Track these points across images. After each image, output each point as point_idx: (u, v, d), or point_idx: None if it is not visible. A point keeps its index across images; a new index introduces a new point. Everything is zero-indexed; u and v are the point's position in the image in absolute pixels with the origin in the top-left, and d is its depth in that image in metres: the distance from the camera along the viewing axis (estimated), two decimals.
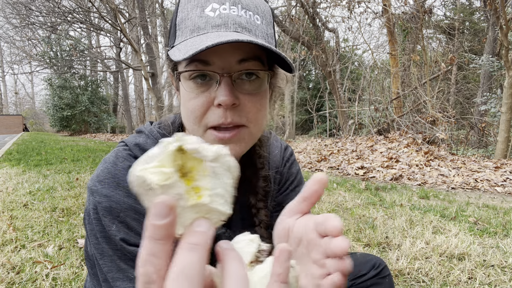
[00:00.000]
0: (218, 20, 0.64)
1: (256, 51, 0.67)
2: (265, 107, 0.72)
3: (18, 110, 51.68)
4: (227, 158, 0.36)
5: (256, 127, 0.71)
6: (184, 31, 0.67)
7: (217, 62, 0.65)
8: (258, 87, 0.69)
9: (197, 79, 0.66)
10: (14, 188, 3.95)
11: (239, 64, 0.65)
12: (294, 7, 11.90)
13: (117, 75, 28.09)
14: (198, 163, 0.35)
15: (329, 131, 14.78)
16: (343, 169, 6.32)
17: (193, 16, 0.66)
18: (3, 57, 47.02)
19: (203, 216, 0.34)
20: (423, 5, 9.54)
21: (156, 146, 0.34)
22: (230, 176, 0.36)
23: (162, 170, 0.32)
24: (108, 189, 0.69)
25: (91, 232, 0.71)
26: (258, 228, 0.84)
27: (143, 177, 0.32)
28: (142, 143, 0.78)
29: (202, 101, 0.67)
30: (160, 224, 0.30)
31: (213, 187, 0.35)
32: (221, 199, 0.35)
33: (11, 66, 41.58)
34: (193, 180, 0.35)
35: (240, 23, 0.65)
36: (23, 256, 2.07)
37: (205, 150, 0.34)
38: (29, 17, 17.21)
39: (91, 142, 14.64)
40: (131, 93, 35.11)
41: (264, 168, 0.87)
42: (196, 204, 0.34)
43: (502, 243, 2.38)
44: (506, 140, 6.85)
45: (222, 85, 0.65)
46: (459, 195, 4.26)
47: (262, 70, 0.68)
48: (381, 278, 0.89)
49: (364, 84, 10.33)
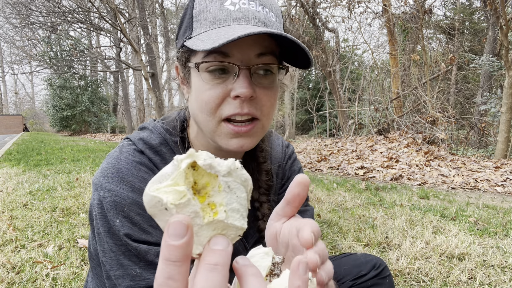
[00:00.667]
0: (239, 13, 0.65)
1: (273, 47, 0.68)
2: (276, 102, 0.73)
3: (18, 110, 51.68)
4: (240, 172, 0.35)
5: (268, 121, 0.73)
6: (203, 23, 0.68)
7: (237, 55, 0.65)
8: (272, 82, 0.70)
9: (215, 72, 0.67)
10: (14, 188, 3.94)
11: (258, 58, 0.66)
12: (294, 7, 11.90)
13: (117, 75, 28.09)
14: (211, 179, 0.34)
15: (329, 131, 14.78)
16: (343, 169, 6.32)
17: (213, 8, 0.67)
18: (3, 57, 47.03)
19: (220, 233, 0.34)
20: (423, 5, 9.54)
21: (169, 164, 0.34)
22: (244, 190, 0.35)
23: (176, 188, 0.32)
24: (112, 183, 0.69)
25: (95, 228, 0.71)
26: (262, 221, 0.85)
27: (158, 197, 0.31)
28: (146, 138, 0.78)
29: (218, 92, 0.67)
30: (177, 244, 0.29)
31: (228, 202, 0.34)
32: (237, 214, 0.34)
33: (11, 66, 41.62)
34: (207, 197, 0.34)
35: (260, 18, 0.66)
36: (23, 256, 2.07)
37: (218, 165, 0.34)
38: (29, 17, 17.22)
39: (91, 142, 14.64)
40: (131, 93, 35.12)
41: (266, 162, 0.88)
42: (212, 221, 0.33)
43: (502, 243, 2.38)
44: (506, 140, 6.85)
45: (240, 77, 0.65)
46: (459, 195, 4.26)
47: (278, 65, 0.69)
48: (381, 279, 0.89)
49: (364, 84, 10.33)
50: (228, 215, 0.34)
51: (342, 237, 2.55)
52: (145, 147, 0.76)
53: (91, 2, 13.75)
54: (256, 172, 0.87)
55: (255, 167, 0.87)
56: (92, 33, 24.91)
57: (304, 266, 0.35)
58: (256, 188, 0.86)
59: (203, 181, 0.34)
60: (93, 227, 0.73)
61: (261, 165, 0.87)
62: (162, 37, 27.98)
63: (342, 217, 3.03)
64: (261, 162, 0.87)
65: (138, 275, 0.66)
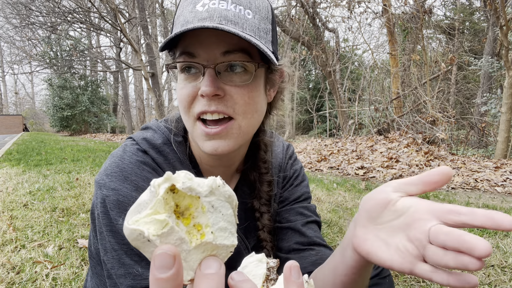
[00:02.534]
0: (205, 13, 0.66)
1: (243, 44, 0.67)
2: (254, 101, 0.71)
3: (18, 110, 51.67)
4: (223, 189, 0.34)
5: (245, 121, 0.71)
6: (176, 26, 0.70)
7: (202, 54, 0.67)
8: (246, 80, 0.69)
9: (185, 71, 0.69)
10: (14, 188, 3.94)
11: (224, 56, 0.67)
12: (294, 7, 11.91)
13: (117, 75, 28.09)
14: (194, 200, 0.33)
15: (329, 131, 14.79)
16: (343, 169, 6.32)
17: (186, 12, 0.68)
18: (3, 57, 47.03)
19: (210, 254, 0.33)
20: (423, 5, 9.54)
21: (145, 190, 0.32)
22: (229, 206, 0.34)
23: (156, 218, 0.30)
24: (116, 182, 0.69)
25: (97, 227, 0.71)
26: (262, 231, 0.85)
27: (138, 230, 0.29)
28: (150, 138, 0.78)
29: (189, 91, 0.69)
30: (166, 277, 0.28)
31: (214, 223, 0.33)
32: (225, 233, 0.34)
33: (11, 66, 41.61)
34: (192, 218, 0.33)
35: (226, 16, 0.66)
36: (23, 256, 2.07)
37: (199, 186, 0.33)
38: (29, 17, 17.22)
39: (91, 142, 14.64)
40: (131, 93, 35.12)
41: (268, 173, 0.88)
42: (200, 244, 0.32)
43: (502, 243, 2.38)
44: (506, 140, 6.85)
45: (205, 76, 0.66)
46: (459, 195, 4.26)
47: (246, 62, 0.68)
48: (381, 278, 0.89)
49: (364, 84, 10.33)
50: (216, 236, 0.33)
51: (342, 237, 2.55)
52: (148, 147, 0.77)
53: (91, 2, 13.75)
54: (258, 182, 0.87)
55: (257, 178, 0.87)
56: (92, 33, 24.92)
57: (296, 270, 0.35)
58: (257, 198, 0.87)
59: (186, 203, 0.33)
60: (94, 226, 0.73)
61: (263, 175, 0.87)
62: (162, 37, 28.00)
63: (342, 217, 3.03)
64: (263, 172, 0.87)
65: (140, 274, 0.66)
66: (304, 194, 0.95)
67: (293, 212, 0.91)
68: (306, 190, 0.96)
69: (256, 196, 0.86)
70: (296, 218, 0.90)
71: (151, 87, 13.29)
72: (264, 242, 0.86)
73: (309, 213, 0.92)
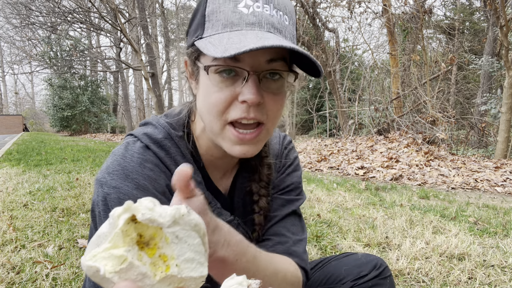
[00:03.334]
0: (252, 18, 0.64)
1: (283, 52, 0.67)
2: (283, 106, 0.73)
3: (18, 110, 51.63)
4: (188, 218, 0.32)
5: (273, 126, 0.73)
6: (215, 24, 0.67)
7: (247, 60, 0.65)
8: (280, 87, 0.70)
9: (223, 73, 0.66)
10: (14, 188, 3.94)
11: (268, 63, 0.66)
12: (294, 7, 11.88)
13: (117, 75, 28.08)
14: (157, 229, 0.31)
15: (329, 131, 14.78)
16: (343, 169, 6.32)
17: (226, 10, 0.66)
18: (3, 57, 47.00)
19: (177, 287, 0.31)
20: (423, 5, 9.54)
21: (105, 222, 0.31)
22: (196, 235, 0.33)
23: (113, 253, 0.28)
24: (117, 180, 0.68)
25: (97, 225, 0.70)
26: (257, 215, 0.86)
27: (94, 267, 0.28)
28: (150, 132, 0.78)
29: (226, 95, 0.67)
30: None
31: (179, 254, 0.31)
32: (192, 264, 0.32)
33: (11, 66, 41.62)
34: (157, 248, 0.31)
35: (273, 24, 0.65)
36: (23, 256, 2.07)
37: (160, 216, 0.31)
38: (29, 17, 17.22)
39: (91, 142, 14.63)
40: (131, 93, 35.11)
41: (268, 156, 0.90)
42: (166, 277, 0.30)
43: (502, 243, 2.38)
44: (506, 140, 6.85)
45: (249, 83, 0.65)
46: (459, 195, 4.26)
47: (288, 71, 0.69)
48: (382, 279, 0.89)
49: (364, 84, 10.32)
50: (181, 269, 0.31)
51: (342, 237, 2.55)
52: (149, 142, 0.76)
53: (91, 2, 13.75)
54: (259, 165, 0.88)
55: (257, 160, 0.88)
56: (92, 33, 24.91)
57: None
58: (257, 181, 0.87)
59: (150, 232, 0.31)
60: (95, 224, 0.73)
61: (263, 159, 0.88)
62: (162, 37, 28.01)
63: (342, 217, 3.03)
64: (263, 156, 0.88)
65: None
66: (294, 183, 0.94)
67: (277, 202, 0.91)
68: (297, 180, 0.95)
69: (256, 180, 0.87)
70: (276, 208, 0.90)
71: (151, 87, 13.30)
72: (257, 225, 0.86)
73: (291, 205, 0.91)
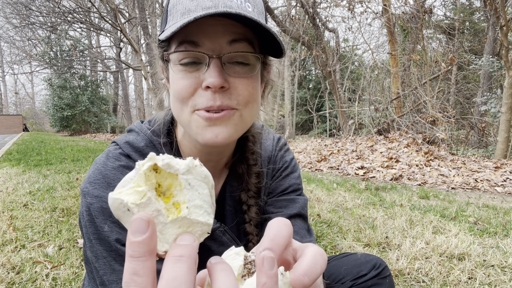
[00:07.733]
0: (209, 2, 0.63)
1: (247, 34, 0.65)
2: (257, 91, 0.70)
3: (18, 110, 51.63)
4: (200, 169, 0.36)
5: (247, 111, 0.69)
6: (174, 15, 0.67)
7: (207, 44, 0.63)
8: (249, 71, 0.67)
9: (186, 63, 0.65)
10: (14, 188, 3.94)
11: (230, 45, 0.64)
12: (294, 7, 11.91)
13: (117, 75, 28.10)
14: (174, 180, 0.35)
15: (329, 131, 14.79)
16: (343, 169, 6.32)
17: (185, 0, 0.66)
18: (3, 57, 46.98)
19: (185, 231, 0.35)
20: (423, 5, 9.54)
21: (132, 170, 0.36)
22: (205, 186, 0.36)
23: (136, 189, 0.33)
24: (99, 190, 0.68)
25: (86, 235, 0.70)
26: (248, 225, 0.84)
27: (119, 199, 0.33)
28: (132, 141, 0.77)
29: (190, 81, 0.65)
30: (139, 240, 0.30)
31: (190, 199, 0.35)
32: (200, 210, 0.35)
33: (11, 66, 41.61)
34: (172, 197, 0.35)
35: (231, 6, 0.63)
36: (23, 256, 2.07)
37: (177, 164, 0.35)
38: (29, 17, 17.21)
39: (91, 142, 14.63)
40: (131, 93, 35.15)
41: (257, 164, 0.86)
42: (176, 219, 0.34)
43: (502, 243, 2.38)
44: (506, 140, 6.85)
45: (211, 67, 0.63)
46: (459, 195, 4.25)
47: (253, 53, 0.66)
48: (381, 279, 0.89)
49: (364, 84, 10.32)
50: (191, 211, 0.34)
51: (342, 237, 2.55)
52: (131, 151, 0.76)
53: (91, 2, 13.73)
54: (246, 174, 0.85)
55: (245, 170, 0.85)
56: (92, 33, 24.89)
57: (269, 261, 0.34)
58: (245, 191, 0.84)
59: (167, 183, 0.35)
60: (83, 234, 0.73)
61: (251, 167, 0.85)
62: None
63: (342, 217, 3.03)
64: (251, 164, 0.85)
65: None
66: (292, 185, 0.90)
67: (277, 204, 0.88)
68: (296, 181, 0.92)
69: (244, 189, 0.84)
70: (278, 211, 0.86)
71: (151, 87, 13.29)
72: (250, 235, 0.84)
73: (293, 205, 0.88)
